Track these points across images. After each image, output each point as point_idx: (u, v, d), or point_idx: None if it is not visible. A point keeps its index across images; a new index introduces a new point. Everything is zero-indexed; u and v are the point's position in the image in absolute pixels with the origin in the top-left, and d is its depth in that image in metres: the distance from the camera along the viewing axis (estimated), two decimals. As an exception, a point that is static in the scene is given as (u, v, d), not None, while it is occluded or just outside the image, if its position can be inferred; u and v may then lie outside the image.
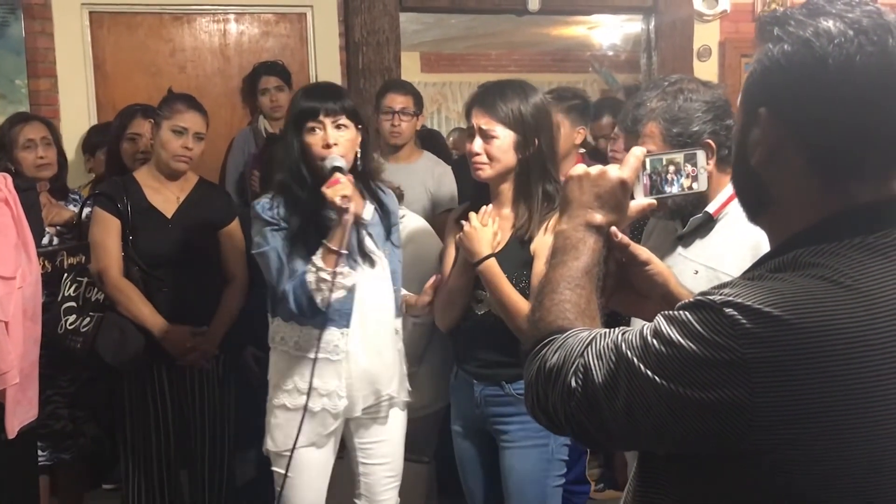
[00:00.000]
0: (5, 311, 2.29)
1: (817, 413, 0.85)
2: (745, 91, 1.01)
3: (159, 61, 4.15)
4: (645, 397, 0.90)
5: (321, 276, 2.17)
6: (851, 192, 0.94)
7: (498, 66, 8.79)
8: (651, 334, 0.93)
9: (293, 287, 2.21)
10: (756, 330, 0.85)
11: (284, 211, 2.26)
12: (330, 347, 2.29)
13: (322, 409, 2.31)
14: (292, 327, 2.31)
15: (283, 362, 2.35)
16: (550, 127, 2.27)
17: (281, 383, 2.34)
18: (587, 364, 0.96)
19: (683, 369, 0.88)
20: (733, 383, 0.86)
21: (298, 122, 2.27)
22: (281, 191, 2.29)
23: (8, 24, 3.85)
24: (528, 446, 2.24)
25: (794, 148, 0.95)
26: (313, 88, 2.42)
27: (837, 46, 0.90)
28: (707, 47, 4.86)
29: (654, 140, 1.76)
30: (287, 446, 2.29)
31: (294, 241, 2.25)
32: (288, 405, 2.32)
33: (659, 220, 2.03)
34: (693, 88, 1.80)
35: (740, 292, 0.88)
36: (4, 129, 3.16)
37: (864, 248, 0.91)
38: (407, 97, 3.51)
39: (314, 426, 2.32)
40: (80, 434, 3.04)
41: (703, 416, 0.88)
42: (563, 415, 0.98)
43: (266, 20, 4.31)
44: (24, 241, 2.40)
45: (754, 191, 1.02)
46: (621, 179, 1.17)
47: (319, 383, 2.28)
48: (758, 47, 1.00)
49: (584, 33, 7.52)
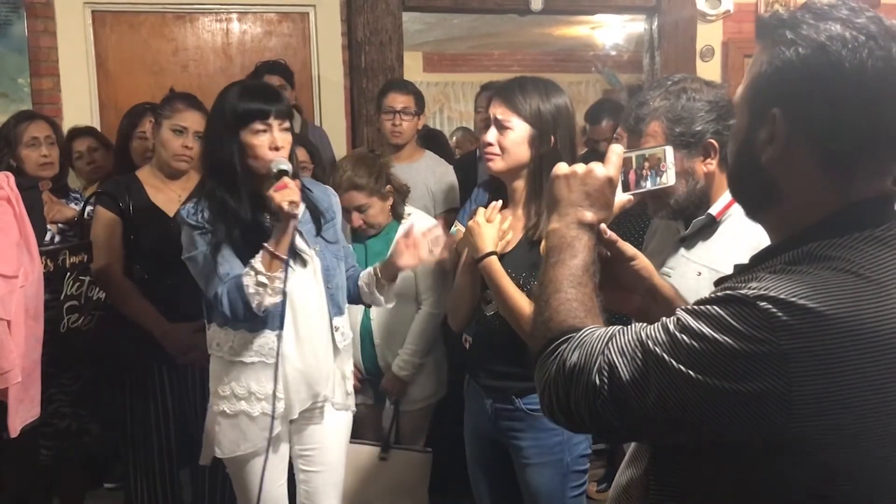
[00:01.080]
0: (7, 309, 2.29)
1: (850, 400, 0.89)
2: (754, 91, 1.04)
3: (162, 60, 4.16)
4: (679, 392, 0.93)
5: (260, 280, 2.13)
6: (857, 188, 0.99)
7: (501, 66, 8.78)
8: (678, 329, 0.95)
9: (226, 291, 2.16)
10: (792, 322, 0.89)
11: (209, 214, 2.21)
12: (265, 350, 2.26)
13: (261, 413, 2.27)
14: (226, 332, 2.28)
15: (219, 368, 2.31)
16: (570, 128, 2.21)
17: (219, 389, 2.31)
18: (611, 362, 0.98)
19: (719, 363, 0.91)
20: (771, 374, 0.89)
21: (241, 123, 2.18)
22: (208, 194, 2.23)
23: (11, 22, 3.85)
24: (544, 463, 2.20)
25: (806, 146, 0.99)
26: (254, 89, 2.29)
27: (851, 51, 0.95)
28: (710, 47, 4.86)
29: (657, 139, 1.75)
30: (234, 452, 2.29)
31: (218, 245, 2.19)
32: (227, 411, 2.29)
33: (661, 223, 2.02)
34: (696, 88, 1.79)
35: (770, 286, 0.92)
36: (9, 126, 3.16)
37: (873, 241, 0.97)
38: (408, 97, 3.51)
39: (256, 431, 2.29)
40: (83, 432, 3.04)
41: (742, 408, 0.91)
42: (586, 413, 0.99)
43: (269, 19, 4.31)
44: (27, 239, 2.40)
45: (759, 187, 1.05)
46: (608, 177, 1.21)
47: (256, 387, 2.27)
48: (763, 49, 1.03)
49: (586, 33, 7.51)
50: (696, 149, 1.76)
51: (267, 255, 2.14)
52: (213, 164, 2.24)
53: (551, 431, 2.18)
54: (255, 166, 2.21)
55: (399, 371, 2.96)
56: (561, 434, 2.18)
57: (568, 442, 2.20)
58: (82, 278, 2.76)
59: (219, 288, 2.16)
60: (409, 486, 2.93)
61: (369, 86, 4.18)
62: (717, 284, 1.09)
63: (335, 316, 2.38)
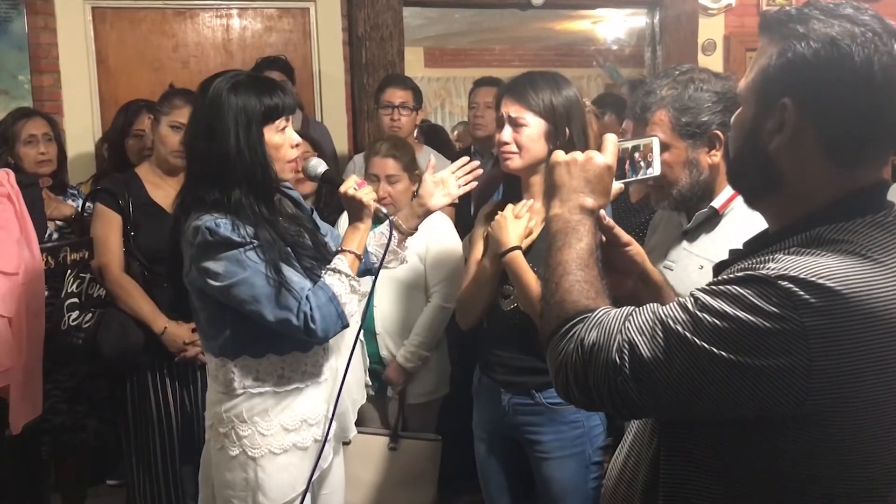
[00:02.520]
0: (8, 306, 2.29)
1: (864, 373, 0.96)
2: (763, 82, 1.08)
3: (162, 57, 4.15)
4: (703, 369, 0.98)
5: (352, 285, 1.93)
6: (859, 176, 1.06)
7: (502, 61, 8.76)
8: (697, 308, 1.00)
9: (318, 305, 1.86)
10: (812, 300, 0.94)
11: (251, 229, 1.87)
12: (315, 369, 2.03)
13: (312, 441, 2.02)
14: (270, 361, 1.97)
15: (255, 406, 1.97)
16: (582, 119, 2.21)
17: (258, 430, 1.97)
18: (631, 340, 1.02)
19: (743, 339, 0.96)
20: (793, 350, 0.94)
21: (267, 121, 1.92)
22: (239, 206, 1.88)
23: (11, 19, 3.85)
24: (566, 456, 2.21)
25: (814, 136, 1.04)
26: (268, 83, 2.00)
27: (860, 45, 1.01)
28: (712, 41, 4.84)
29: (663, 128, 1.74)
30: (288, 496, 2.00)
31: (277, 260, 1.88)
32: (275, 451, 1.98)
33: (664, 215, 2.01)
34: (704, 79, 1.78)
35: (790, 266, 0.98)
36: (7, 124, 3.16)
37: (876, 226, 1.03)
38: (406, 92, 3.51)
39: (309, 463, 2.01)
40: (79, 429, 3.04)
41: (764, 382, 0.96)
42: (605, 390, 1.03)
43: (269, 15, 4.30)
44: (27, 236, 2.40)
45: (762, 175, 1.10)
46: (608, 165, 1.26)
47: (311, 413, 2.01)
48: (770, 42, 1.08)
49: (588, 28, 7.49)
50: (702, 140, 1.75)
51: (351, 256, 1.98)
52: (235, 171, 1.88)
53: (572, 424, 2.19)
54: (276, 168, 1.95)
55: (405, 362, 2.95)
56: (581, 426, 2.20)
57: (588, 434, 2.21)
58: (83, 276, 2.76)
59: (303, 305, 1.86)
60: (420, 475, 2.92)
61: (370, 81, 4.16)
62: (715, 270, 1.15)
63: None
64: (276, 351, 1.97)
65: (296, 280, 1.89)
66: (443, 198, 2.19)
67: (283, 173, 1.98)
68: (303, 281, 1.90)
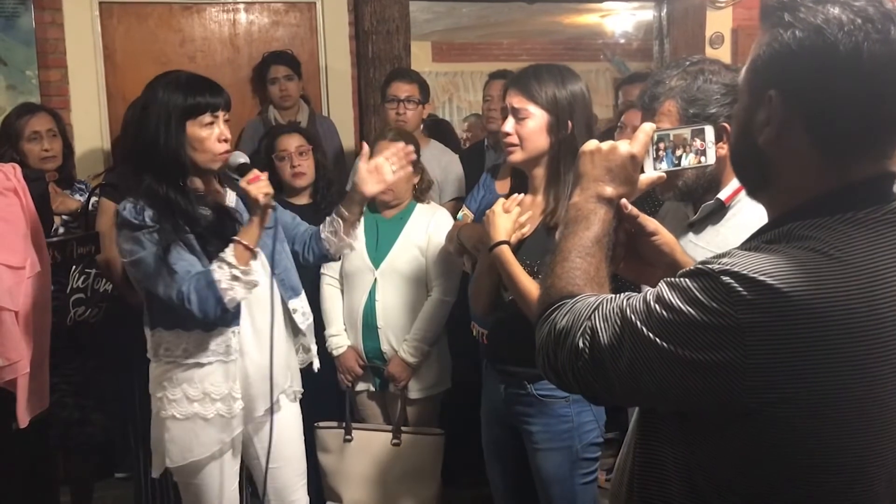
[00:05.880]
0: (15, 300, 2.29)
1: (806, 373, 0.93)
2: (753, 73, 1.06)
3: (169, 51, 4.15)
4: (648, 358, 0.98)
5: (234, 274, 2.08)
6: (850, 170, 1.01)
7: (510, 56, 8.73)
8: (654, 300, 1.00)
9: (194, 288, 2.06)
10: (750, 297, 0.93)
11: (153, 213, 2.11)
12: (222, 349, 2.20)
13: (216, 414, 2.21)
14: (177, 335, 2.19)
15: (166, 372, 2.23)
16: (587, 114, 2.21)
17: (167, 394, 2.22)
18: (594, 327, 1.03)
19: (683, 332, 0.96)
20: (728, 346, 0.93)
21: (189, 116, 2.13)
22: (148, 192, 2.13)
23: (18, 14, 3.85)
24: (553, 448, 2.22)
25: (802, 128, 1.00)
26: (200, 81, 2.20)
27: (847, 34, 0.95)
28: (719, 34, 4.82)
29: (671, 118, 1.74)
30: (186, 459, 2.22)
31: (170, 243, 2.09)
32: (178, 416, 2.21)
33: (671, 207, 2.00)
34: (714, 70, 1.77)
35: (737, 262, 0.96)
36: (11, 120, 3.16)
37: (853, 223, 0.98)
38: (412, 85, 3.49)
39: (213, 434, 2.23)
40: (87, 422, 3.05)
41: (701, 376, 0.95)
42: (570, 374, 1.06)
43: (276, 9, 4.30)
44: (34, 231, 2.40)
45: (757, 168, 1.08)
46: (631, 154, 1.24)
47: (212, 388, 2.20)
48: (764, 32, 1.05)
49: (595, 21, 7.48)
50: None
51: (240, 247, 2.11)
52: (153, 160, 2.13)
53: (561, 418, 2.20)
54: (201, 160, 2.17)
55: (408, 357, 2.95)
56: (570, 421, 2.20)
57: (578, 429, 2.20)
58: (88, 271, 2.76)
59: (183, 286, 2.06)
60: (423, 470, 2.93)
61: (377, 76, 4.15)
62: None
63: (290, 299, 2.36)
64: (182, 327, 2.18)
65: (183, 264, 2.09)
66: (376, 184, 2.36)
67: (211, 164, 2.19)
68: (192, 266, 2.10)
